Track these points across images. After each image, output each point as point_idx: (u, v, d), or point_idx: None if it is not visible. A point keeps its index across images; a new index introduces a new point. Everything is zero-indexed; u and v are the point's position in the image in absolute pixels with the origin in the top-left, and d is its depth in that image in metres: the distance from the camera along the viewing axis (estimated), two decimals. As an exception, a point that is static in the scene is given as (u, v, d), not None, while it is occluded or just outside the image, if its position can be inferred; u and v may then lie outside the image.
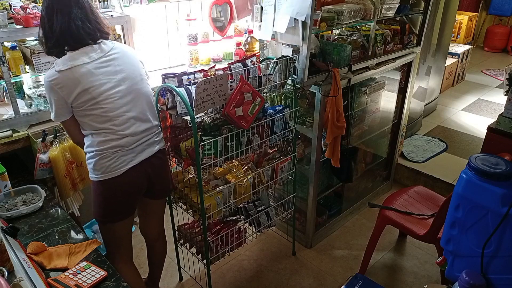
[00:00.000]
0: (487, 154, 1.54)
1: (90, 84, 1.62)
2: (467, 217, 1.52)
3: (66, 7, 1.60)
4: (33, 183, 1.94)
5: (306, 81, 2.20)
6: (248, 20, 3.19)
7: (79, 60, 1.62)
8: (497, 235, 1.44)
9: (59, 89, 1.60)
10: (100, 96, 1.64)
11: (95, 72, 1.64)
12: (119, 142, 1.70)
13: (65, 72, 1.59)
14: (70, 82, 1.60)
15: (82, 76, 1.61)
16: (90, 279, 1.39)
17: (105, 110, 1.66)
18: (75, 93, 1.61)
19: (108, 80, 1.66)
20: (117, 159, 1.70)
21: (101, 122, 1.67)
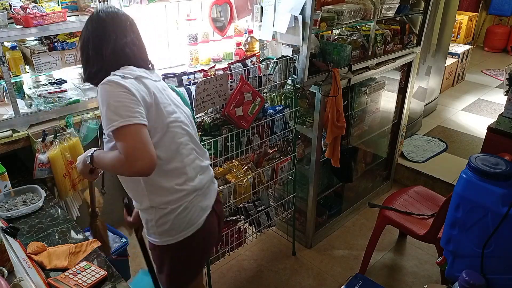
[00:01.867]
0: (487, 154, 1.54)
1: (160, 100, 1.35)
2: (467, 217, 1.52)
3: (121, 30, 1.36)
4: (33, 183, 1.94)
5: (306, 81, 2.20)
6: (248, 20, 3.19)
7: (142, 72, 1.36)
8: (497, 235, 1.44)
9: (132, 87, 1.27)
10: (170, 116, 1.37)
11: (160, 88, 1.40)
12: (195, 184, 1.44)
13: (132, 80, 1.30)
14: (141, 89, 1.30)
15: (151, 87, 1.33)
16: (90, 279, 1.39)
17: (174, 134, 1.39)
18: (148, 103, 1.31)
19: (169, 103, 1.41)
20: (195, 208, 1.45)
21: (171, 152, 1.38)
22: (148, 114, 1.29)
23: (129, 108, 1.23)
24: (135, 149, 1.21)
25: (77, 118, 2.20)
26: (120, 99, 1.23)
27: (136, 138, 1.22)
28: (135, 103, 1.25)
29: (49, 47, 2.06)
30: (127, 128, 1.21)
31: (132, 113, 1.23)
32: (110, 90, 1.25)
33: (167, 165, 1.38)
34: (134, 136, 1.22)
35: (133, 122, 1.22)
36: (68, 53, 2.10)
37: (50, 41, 2.07)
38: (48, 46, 2.06)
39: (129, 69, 1.34)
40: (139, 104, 1.26)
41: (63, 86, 2.27)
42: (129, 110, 1.23)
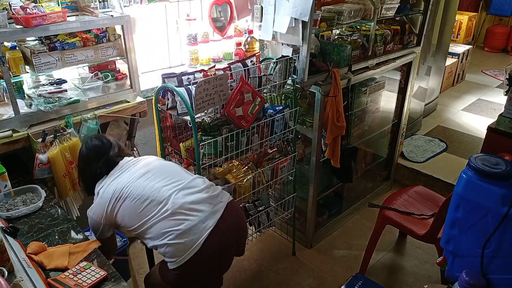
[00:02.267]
0: (487, 154, 1.54)
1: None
2: (467, 217, 1.52)
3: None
4: (33, 183, 1.94)
5: (306, 81, 2.20)
6: (248, 20, 3.19)
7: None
8: (497, 235, 1.44)
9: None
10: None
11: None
12: (168, 207, 1.71)
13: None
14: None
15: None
16: (90, 279, 1.39)
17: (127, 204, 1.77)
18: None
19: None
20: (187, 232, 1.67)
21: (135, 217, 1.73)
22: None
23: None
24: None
25: (77, 118, 2.19)
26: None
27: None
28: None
29: (49, 47, 2.06)
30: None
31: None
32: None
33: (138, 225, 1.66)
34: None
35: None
36: (68, 53, 2.10)
37: (50, 41, 2.07)
38: (48, 46, 2.06)
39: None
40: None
41: (63, 86, 2.27)
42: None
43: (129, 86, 2.41)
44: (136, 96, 2.43)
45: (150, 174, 1.73)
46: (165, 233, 1.59)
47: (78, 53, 2.14)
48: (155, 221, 1.61)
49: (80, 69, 2.43)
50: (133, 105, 2.38)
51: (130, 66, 2.35)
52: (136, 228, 1.65)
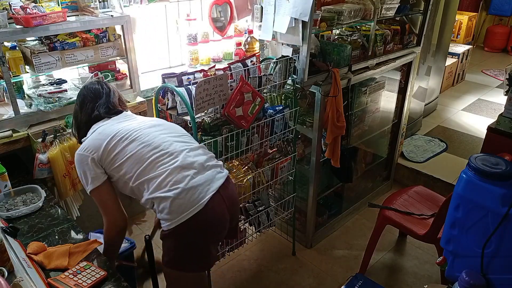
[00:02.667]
0: (487, 154, 1.54)
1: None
2: (467, 217, 1.52)
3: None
4: (33, 183, 1.94)
5: (306, 81, 2.20)
6: (248, 20, 3.19)
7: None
8: (497, 235, 1.44)
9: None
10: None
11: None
12: (178, 163, 1.65)
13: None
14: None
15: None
16: (90, 279, 1.39)
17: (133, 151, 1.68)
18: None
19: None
20: (192, 189, 1.61)
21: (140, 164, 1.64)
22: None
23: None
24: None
25: (77, 118, 2.19)
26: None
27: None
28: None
29: (49, 47, 2.06)
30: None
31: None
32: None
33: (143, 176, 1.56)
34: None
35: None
36: (68, 53, 2.11)
37: (50, 41, 2.07)
38: (48, 46, 2.06)
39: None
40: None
41: (63, 86, 2.27)
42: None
43: (129, 86, 2.41)
44: (136, 96, 2.43)
45: (161, 127, 1.67)
46: (171, 185, 1.51)
47: (78, 53, 2.14)
48: (162, 170, 1.53)
49: (80, 69, 2.43)
50: (133, 105, 2.38)
51: (130, 66, 2.35)
52: (138, 175, 1.55)
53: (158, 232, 1.95)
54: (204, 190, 1.55)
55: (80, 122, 1.73)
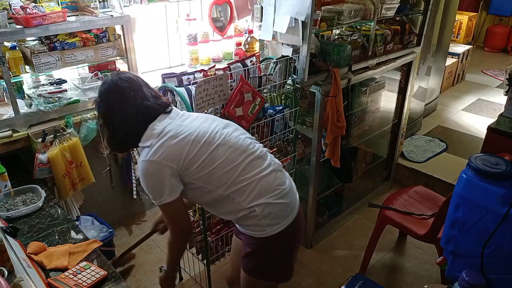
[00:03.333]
0: (487, 154, 1.54)
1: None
2: (467, 217, 1.52)
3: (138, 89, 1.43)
4: (33, 183, 1.94)
5: (306, 81, 2.20)
6: (248, 20, 3.19)
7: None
8: (497, 235, 1.44)
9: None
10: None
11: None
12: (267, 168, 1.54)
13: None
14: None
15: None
16: (90, 279, 1.39)
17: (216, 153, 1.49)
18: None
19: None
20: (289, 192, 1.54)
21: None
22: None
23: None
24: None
25: (77, 118, 2.20)
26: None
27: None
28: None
29: (49, 47, 2.06)
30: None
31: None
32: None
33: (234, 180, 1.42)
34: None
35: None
36: (68, 53, 2.11)
37: (50, 41, 2.07)
38: (48, 46, 2.06)
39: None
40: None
41: (63, 86, 2.27)
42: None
43: (129, 86, 2.41)
44: (136, 96, 2.42)
45: (233, 127, 1.51)
46: (274, 189, 1.42)
47: (78, 53, 2.14)
48: (260, 175, 1.41)
49: (80, 69, 2.43)
50: (133, 105, 2.38)
51: (130, 66, 2.35)
52: (233, 182, 1.39)
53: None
54: (293, 189, 1.51)
55: (127, 121, 1.40)
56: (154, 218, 2.13)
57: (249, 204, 1.40)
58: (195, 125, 1.43)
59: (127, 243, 2.74)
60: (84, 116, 2.21)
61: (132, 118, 1.39)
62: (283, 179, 1.48)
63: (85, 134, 2.22)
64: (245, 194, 1.40)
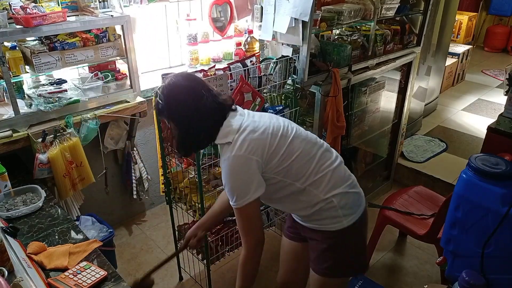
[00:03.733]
0: (487, 154, 1.54)
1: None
2: (467, 217, 1.52)
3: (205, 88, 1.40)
4: (33, 183, 1.94)
5: (306, 81, 2.20)
6: (248, 20, 3.19)
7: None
8: (497, 235, 1.44)
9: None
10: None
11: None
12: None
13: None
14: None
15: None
16: (90, 279, 1.39)
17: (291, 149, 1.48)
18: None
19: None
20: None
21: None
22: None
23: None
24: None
25: (77, 118, 2.20)
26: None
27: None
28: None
29: (49, 47, 2.06)
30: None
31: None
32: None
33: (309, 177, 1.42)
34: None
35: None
36: (68, 53, 2.10)
37: (50, 41, 2.07)
38: (48, 46, 2.06)
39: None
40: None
41: (63, 86, 2.27)
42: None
43: (129, 86, 2.41)
44: (136, 96, 2.43)
45: (294, 124, 1.51)
46: (347, 179, 1.46)
47: (78, 53, 2.14)
48: (333, 166, 1.43)
49: (80, 69, 2.43)
50: (133, 105, 2.38)
51: (130, 66, 2.35)
52: (311, 174, 1.39)
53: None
54: (356, 180, 1.53)
55: (204, 120, 1.37)
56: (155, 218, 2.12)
57: (327, 195, 1.41)
58: (267, 120, 1.43)
59: (127, 243, 2.74)
60: (84, 116, 2.21)
61: (209, 116, 1.37)
62: (349, 171, 1.52)
63: (85, 134, 2.22)
64: (322, 185, 1.41)
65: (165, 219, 2.95)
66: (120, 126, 2.55)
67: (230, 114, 1.41)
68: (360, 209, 1.48)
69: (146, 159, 2.86)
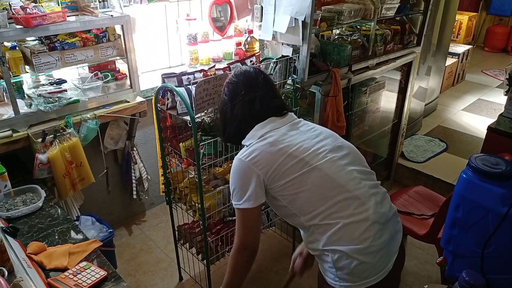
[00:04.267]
0: (487, 154, 1.54)
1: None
2: (467, 217, 1.52)
3: (251, 87, 1.41)
4: (33, 183, 1.94)
5: (306, 81, 2.20)
6: (248, 20, 3.19)
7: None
8: (497, 235, 1.44)
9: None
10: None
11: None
12: (369, 213, 1.28)
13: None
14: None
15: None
16: (90, 279, 1.39)
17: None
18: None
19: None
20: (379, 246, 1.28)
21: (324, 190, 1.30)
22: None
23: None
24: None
25: (77, 118, 2.20)
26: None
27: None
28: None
29: (49, 47, 2.06)
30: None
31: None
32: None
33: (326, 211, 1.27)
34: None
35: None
36: (68, 53, 2.10)
37: (50, 41, 2.07)
38: (48, 46, 2.06)
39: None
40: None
41: (63, 86, 2.27)
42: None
43: (129, 86, 2.41)
44: (136, 96, 2.43)
45: (345, 151, 1.36)
46: (359, 242, 1.22)
47: (78, 53, 2.14)
48: (350, 220, 1.23)
49: (80, 69, 2.43)
50: (133, 105, 2.38)
51: (130, 66, 2.35)
52: (315, 216, 1.26)
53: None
54: (389, 250, 1.29)
55: (235, 117, 1.40)
56: (155, 218, 2.10)
57: (326, 247, 1.26)
58: (301, 138, 1.34)
59: (127, 243, 2.75)
60: (84, 116, 2.21)
61: (239, 115, 1.41)
62: (381, 233, 1.26)
63: (85, 134, 2.22)
64: (327, 233, 1.25)
65: (165, 219, 2.95)
66: (120, 126, 2.55)
67: (270, 119, 1.39)
68: (365, 282, 1.24)
69: (146, 159, 2.86)
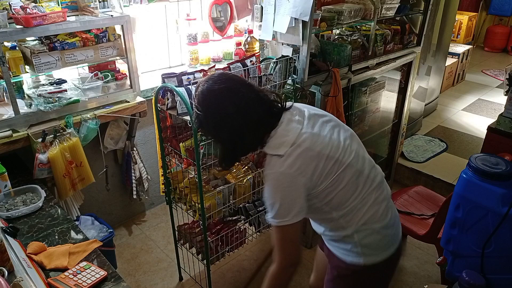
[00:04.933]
0: (487, 154, 1.54)
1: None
2: (467, 217, 1.52)
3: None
4: (33, 183, 1.94)
5: (306, 81, 2.20)
6: (248, 20, 3.19)
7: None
8: (497, 235, 1.44)
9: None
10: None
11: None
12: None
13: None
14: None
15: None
16: (90, 279, 1.39)
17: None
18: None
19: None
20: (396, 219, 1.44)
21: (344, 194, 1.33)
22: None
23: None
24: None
25: (77, 118, 2.20)
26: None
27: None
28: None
29: (49, 47, 2.06)
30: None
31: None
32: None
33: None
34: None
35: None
36: (68, 53, 2.10)
37: (50, 41, 2.07)
38: (48, 46, 2.06)
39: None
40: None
41: (63, 86, 2.27)
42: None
43: (129, 86, 2.41)
44: (136, 96, 2.43)
45: (355, 138, 1.39)
46: (381, 218, 1.32)
47: (78, 53, 2.14)
48: (374, 207, 1.31)
49: (80, 69, 2.43)
50: (133, 105, 2.38)
51: (130, 66, 2.35)
52: (350, 209, 1.29)
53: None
54: (398, 222, 1.42)
55: (249, 125, 1.25)
56: (155, 218, 2.11)
57: (355, 230, 1.31)
58: (327, 135, 1.29)
59: (127, 243, 2.75)
60: (84, 116, 2.21)
61: (252, 110, 1.24)
62: (390, 209, 1.39)
63: (85, 134, 2.22)
64: (355, 219, 1.30)
65: (165, 219, 2.95)
66: (120, 126, 2.55)
67: (286, 118, 1.27)
68: (386, 253, 1.34)
69: (146, 159, 2.86)
